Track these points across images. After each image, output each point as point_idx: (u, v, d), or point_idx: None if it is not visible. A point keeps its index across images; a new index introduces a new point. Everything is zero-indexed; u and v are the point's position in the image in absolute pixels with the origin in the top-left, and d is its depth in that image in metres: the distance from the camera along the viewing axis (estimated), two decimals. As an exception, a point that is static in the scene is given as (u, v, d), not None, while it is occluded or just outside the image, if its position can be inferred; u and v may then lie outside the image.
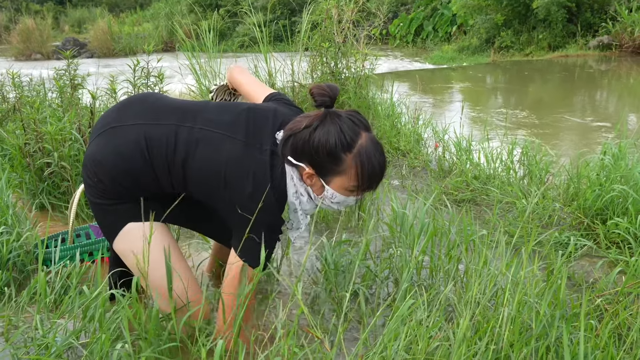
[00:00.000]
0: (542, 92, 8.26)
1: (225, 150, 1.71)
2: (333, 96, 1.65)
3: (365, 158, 1.62)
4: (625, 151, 2.93)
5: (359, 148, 1.62)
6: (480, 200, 3.21)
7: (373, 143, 1.65)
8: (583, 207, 2.74)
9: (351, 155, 1.62)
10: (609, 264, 2.42)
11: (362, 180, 1.65)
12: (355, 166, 1.63)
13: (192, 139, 1.73)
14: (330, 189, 1.69)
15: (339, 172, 1.65)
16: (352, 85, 4.66)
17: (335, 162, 1.63)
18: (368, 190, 1.71)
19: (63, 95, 3.77)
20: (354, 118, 1.65)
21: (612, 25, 11.58)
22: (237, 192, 1.68)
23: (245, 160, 1.69)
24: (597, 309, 1.88)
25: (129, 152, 1.75)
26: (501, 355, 1.44)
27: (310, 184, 1.71)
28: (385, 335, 1.42)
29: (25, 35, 17.57)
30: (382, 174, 1.69)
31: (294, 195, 1.74)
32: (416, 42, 16.63)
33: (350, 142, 1.61)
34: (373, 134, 1.68)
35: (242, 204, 1.66)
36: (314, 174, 1.67)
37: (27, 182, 3.28)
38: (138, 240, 1.82)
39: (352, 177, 1.64)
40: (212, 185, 1.71)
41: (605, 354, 1.49)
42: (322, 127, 1.61)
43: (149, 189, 1.81)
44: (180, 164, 1.73)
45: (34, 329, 1.78)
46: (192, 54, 5.10)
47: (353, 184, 1.66)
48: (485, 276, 1.72)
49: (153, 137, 1.74)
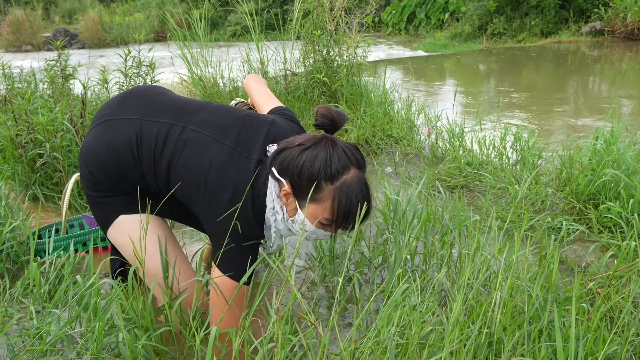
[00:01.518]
0: (534, 79, 8.26)
1: (211, 154, 1.67)
2: (336, 122, 1.60)
3: (344, 194, 1.53)
4: (617, 136, 2.94)
5: (343, 182, 1.54)
6: (473, 186, 3.22)
7: (360, 182, 1.56)
8: (575, 192, 2.76)
9: (332, 186, 1.53)
10: (601, 248, 2.44)
11: (337, 215, 1.55)
12: (332, 199, 1.54)
13: (182, 139, 1.70)
14: (302, 215, 1.60)
15: (315, 200, 1.56)
16: (345, 73, 4.65)
17: (313, 188, 1.54)
18: (341, 229, 1.61)
19: (54, 86, 3.75)
20: (348, 151, 1.57)
21: (605, 11, 11.58)
22: (215, 199, 1.63)
23: (228, 167, 1.65)
24: (590, 293, 1.90)
25: (120, 146, 1.75)
26: (494, 339, 1.45)
27: (285, 202, 1.63)
28: (379, 320, 1.43)
29: (15, 26, 17.45)
30: (360, 218, 1.54)
31: (270, 210, 1.66)
32: (408, 30, 16.58)
33: (335, 173, 1.53)
34: (364, 175, 1.59)
35: (219, 211, 1.62)
36: (290, 193, 1.59)
37: (20, 174, 3.28)
38: (131, 232, 1.83)
39: (327, 209, 1.55)
40: (191, 189, 1.68)
41: (597, 336, 1.50)
42: (312, 149, 1.55)
43: (136, 184, 1.80)
44: (166, 164, 1.71)
45: (29, 319, 1.79)
46: (184, 44, 5.08)
47: (326, 216, 1.57)
48: (478, 261, 1.73)
49: (145, 134, 1.73)
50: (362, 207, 1.53)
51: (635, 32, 10.98)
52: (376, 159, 3.90)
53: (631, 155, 2.73)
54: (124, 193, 1.83)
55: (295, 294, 1.26)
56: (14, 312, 1.90)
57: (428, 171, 3.44)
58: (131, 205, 1.85)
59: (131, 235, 1.82)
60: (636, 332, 1.64)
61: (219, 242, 1.64)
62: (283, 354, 1.31)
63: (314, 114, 1.60)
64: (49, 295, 2.04)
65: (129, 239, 1.82)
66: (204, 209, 1.67)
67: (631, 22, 11.01)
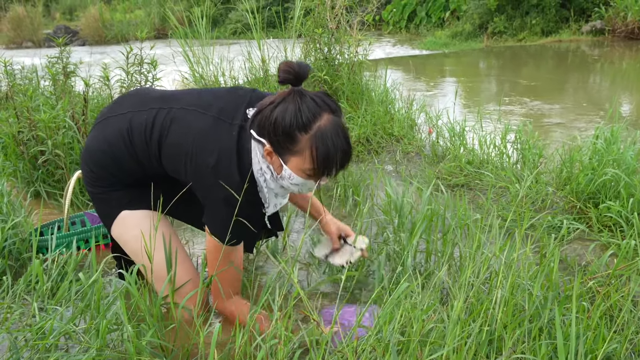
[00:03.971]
0: (535, 77, 8.27)
1: (195, 125, 1.72)
2: (300, 75, 1.60)
3: (320, 140, 1.57)
4: (618, 135, 2.94)
5: (317, 129, 1.57)
6: (473, 185, 3.23)
7: (334, 126, 1.60)
8: (576, 190, 2.77)
9: (307, 135, 1.57)
10: (601, 247, 2.45)
11: (317, 163, 1.59)
12: (309, 147, 1.58)
13: (168, 118, 1.76)
14: (288, 169, 1.65)
15: (295, 153, 1.60)
16: (346, 71, 4.66)
17: (290, 141, 1.59)
18: (326, 176, 1.65)
19: (56, 83, 3.75)
20: (318, 99, 1.60)
21: (605, 10, 11.57)
22: (201, 165, 1.68)
23: (212, 133, 1.70)
24: (589, 291, 1.91)
25: (114, 139, 1.81)
26: (495, 337, 1.46)
27: (270, 161, 1.68)
28: (381, 317, 1.44)
29: (15, 23, 17.41)
30: (342, 160, 1.63)
31: (258, 172, 1.71)
32: (409, 28, 16.56)
33: (307, 122, 1.56)
34: (339, 118, 1.63)
35: (206, 176, 1.67)
36: (272, 151, 1.64)
37: (22, 171, 3.28)
38: (134, 228, 1.85)
39: (307, 159, 1.59)
40: (180, 161, 1.72)
41: (597, 334, 1.51)
42: (282, 105, 1.58)
43: (135, 175, 1.84)
44: (157, 142, 1.75)
45: (31, 316, 1.79)
46: (185, 41, 5.08)
47: (308, 166, 1.61)
48: (479, 259, 1.74)
49: (135, 123, 1.79)
50: (342, 150, 1.60)
51: (636, 32, 10.96)
52: (377, 157, 3.91)
53: (631, 155, 2.74)
54: (125, 187, 1.87)
55: (297, 291, 1.27)
56: (16, 308, 1.91)
57: (429, 170, 3.45)
58: (133, 200, 1.88)
59: (134, 231, 1.84)
60: (636, 331, 1.65)
61: (209, 208, 1.71)
62: (286, 351, 1.32)
63: (276, 72, 1.63)
64: (51, 293, 2.05)
65: (132, 235, 1.84)
66: (193, 177, 1.71)
67: (632, 22, 10.99)
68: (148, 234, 1.81)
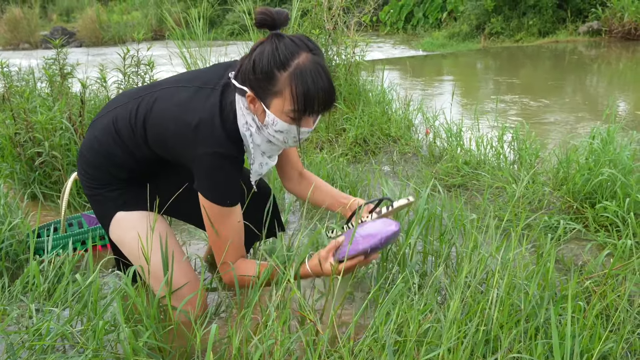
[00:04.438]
0: (532, 78, 8.28)
1: (178, 96, 1.71)
2: (276, 19, 1.57)
3: (299, 76, 1.53)
4: (614, 135, 2.95)
5: (295, 66, 1.54)
6: (470, 185, 3.24)
7: (314, 63, 1.56)
8: (572, 191, 2.77)
9: (286, 73, 1.54)
10: (598, 247, 2.45)
11: (297, 102, 1.56)
12: (289, 85, 1.54)
13: (152, 99, 1.75)
14: (271, 114, 1.61)
15: (275, 94, 1.57)
16: (343, 72, 4.66)
17: (270, 81, 1.56)
18: (308, 115, 1.61)
19: (53, 85, 3.75)
20: (296, 39, 1.58)
21: (602, 10, 11.59)
22: (182, 127, 1.65)
23: (194, 99, 1.69)
24: (586, 291, 1.91)
25: (102, 136, 1.82)
26: (491, 337, 1.46)
27: (254, 110, 1.65)
28: (377, 317, 1.44)
29: (12, 24, 17.38)
30: (324, 97, 1.58)
31: (244, 126, 1.68)
32: (406, 29, 16.57)
33: (284, 59, 1.53)
34: (320, 58, 1.59)
35: (189, 138, 1.64)
36: (254, 97, 1.62)
37: (18, 172, 3.28)
38: (131, 229, 1.85)
39: (287, 98, 1.56)
40: (164, 132, 1.70)
41: (593, 333, 1.52)
42: (260, 47, 1.57)
43: (128, 166, 1.83)
44: (142, 124, 1.74)
45: (28, 317, 1.79)
46: (182, 42, 5.07)
47: (289, 107, 1.58)
48: (475, 259, 1.75)
49: (120, 115, 1.79)
50: (323, 87, 1.55)
51: (632, 32, 10.99)
52: (374, 158, 3.91)
53: (627, 155, 2.75)
54: (121, 185, 1.86)
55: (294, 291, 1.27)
56: (13, 309, 1.90)
57: (426, 170, 3.45)
58: (129, 201, 1.87)
59: (131, 233, 1.83)
60: (632, 330, 1.66)
61: (198, 171, 1.67)
62: (282, 351, 1.32)
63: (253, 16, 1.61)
64: (48, 294, 2.05)
65: (129, 237, 1.84)
66: (177, 143, 1.68)
67: (628, 22, 11.02)
68: (145, 236, 1.80)
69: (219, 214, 1.71)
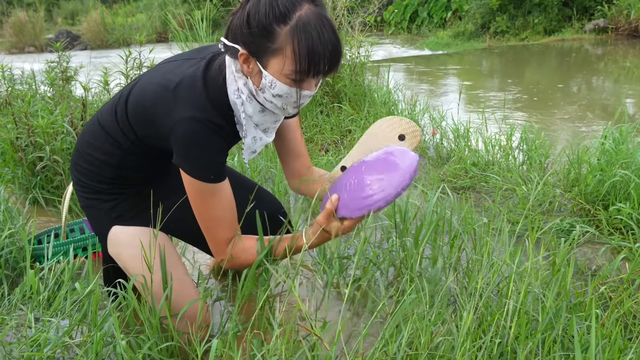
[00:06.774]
0: (539, 77, 8.21)
1: (163, 68, 1.57)
2: None
3: (302, 30, 1.33)
4: (627, 135, 2.88)
5: (297, 19, 1.34)
6: (479, 187, 3.17)
7: (318, 16, 1.35)
8: (584, 192, 2.71)
9: (287, 28, 1.34)
10: (612, 251, 2.39)
11: (300, 60, 1.35)
12: (290, 41, 1.34)
13: (136, 80, 1.63)
14: (268, 75, 1.41)
15: (275, 52, 1.37)
16: (348, 72, 4.61)
17: (268, 37, 1.35)
18: (310, 75, 1.40)
19: (55, 88, 3.72)
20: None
21: (608, 8, 11.51)
22: (161, 91, 1.49)
23: (177, 69, 1.53)
24: (601, 297, 1.85)
25: (90, 133, 1.72)
26: (507, 349, 1.40)
27: (247, 71, 1.45)
28: (386, 330, 1.38)
29: (18, 28, 17.47)
30: (331, 55, 1.37)
31: (235, 93, 1.50)
32: (411, 29, 16.52)
33: (285, 11, 1.33)
34: (322, 9, 1.38)
35: (167, 100, 1.47)
36: (249, 55, 1.41)
37: (20, 177, 3.24)
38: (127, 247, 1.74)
39: (289, 57, 1.36)
40: (144, 104, 1.54)
41: (612, 343, 1.45)
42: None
43: (117, 163, 1.69)
44: (124, 100, 1.60)
45: (27, 327, 1.74)
46: (186, 44, 5.04)
47: (290, 67, 1.37)
48: (488, 266, 1.68)
49: (105, 109, 1.71)
50: (329, 42, 1.36)
51: (639, 29, 10.91)
52: (380, 159, 3.85)
53: (641, 155, 2.68)
54: (113, 194, 1.75)
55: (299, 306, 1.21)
56: (11, 319, 1.85)
57: (433, 172, 3.39)
58: (125, 214, 1.76)
59: (129, 250, 1.73)
60: (652, 340, 1.59)
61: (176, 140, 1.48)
62: (288, 367, 1.27)
63: None
64: (47, 303, 2.00)
65: (128, 254, 1.73)
66: (158, 113, 1.51)
67: (635, 19, 10.94)
68: (144, 251, 1.69)
69: (203, 192, 1.52)
